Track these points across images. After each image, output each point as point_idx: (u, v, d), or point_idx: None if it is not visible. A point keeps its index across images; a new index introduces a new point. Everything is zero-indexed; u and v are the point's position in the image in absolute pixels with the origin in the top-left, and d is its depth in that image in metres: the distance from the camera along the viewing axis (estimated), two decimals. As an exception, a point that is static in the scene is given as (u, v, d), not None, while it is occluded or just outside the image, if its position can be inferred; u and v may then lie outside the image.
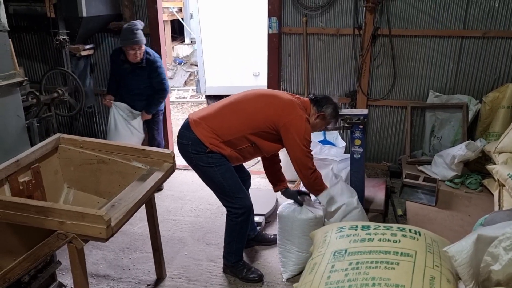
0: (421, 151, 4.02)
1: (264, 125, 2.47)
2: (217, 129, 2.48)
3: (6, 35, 2.18)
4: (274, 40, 3.93)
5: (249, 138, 2.50)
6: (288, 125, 2.43)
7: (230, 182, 2.55)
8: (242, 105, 2.54)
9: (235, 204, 2.57)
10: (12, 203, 1.87)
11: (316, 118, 2.60)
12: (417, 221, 3.01)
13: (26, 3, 3.61)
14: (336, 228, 1.72)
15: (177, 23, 9.56)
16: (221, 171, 2.52)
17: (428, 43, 3.78)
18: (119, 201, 2.10)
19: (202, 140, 2.47)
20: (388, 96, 3.98)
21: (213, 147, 2.47)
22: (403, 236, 1.51)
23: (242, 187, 2.61)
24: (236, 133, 2.48)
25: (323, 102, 2.61)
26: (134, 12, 4.12)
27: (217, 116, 2.52)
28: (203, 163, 2.51)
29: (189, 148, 2.51)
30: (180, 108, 7.63)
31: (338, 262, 1.44)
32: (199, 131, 2.49)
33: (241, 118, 2.49)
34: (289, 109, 2.47)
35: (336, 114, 2.65)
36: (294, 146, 2.46)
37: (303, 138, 2.45)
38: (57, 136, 2.56)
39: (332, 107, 2.61)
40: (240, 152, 2.55)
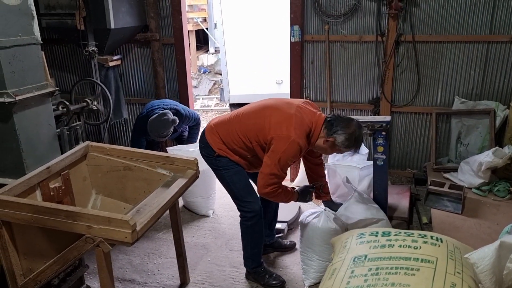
0: (447, 158, 3.95)
1: (258, 138, 2.45)
2: (224, 137, 2.56)
3: (39, 47, 2.30)
4: (296, 48, 3.96)
5: (251, 149, 2.52)
6: (273, 139, 2.36)
7: (238, 185, 2.60)
8: (247, 116, 2.54)
9: (245, 207, 2.62)
10: (43, 207, 1.95)
11: (324, 142, 2.41)
12: (442, 229, 2.95)
13: (58, 17, 3.76)
14: (356, 234, 1.72)
15: (202, 33, 9.74)
16: (229, 174, 2.58)
17: (453, 49, 3.72)
18: (144, 206, 2.16)
19: (211, 144, 2.58)
20: (412, 102, 3.94)
21: (220, 152, 2.56)
22: (424, 242, 1.50)
23: (251, 191, 2.63)
24: (238, 142, 2.52)
25: (337, 127, 2.37)
26: (159, 23, 4.23)
27: (226, 124, 2.59)
28: (213, 165, 2.64)
29: (203, 151, 2.66)
30: (205, 116, 7.74)
31: (358, 267, 1.44)
32: (210, 136, 2.60)
33: (243, 129, 2.51)
34: (281, 124, 2.36)
35: (351, 144, 2.40)
36: (265, 160, 2.39)
37: (277, 158, 2.33)
38: (86, 144, 2.66)
39: (346, 136, 2.36)
40: (247, 160, 2.58)
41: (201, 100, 8.46)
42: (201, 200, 3.66)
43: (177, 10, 4.12)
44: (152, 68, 4.36)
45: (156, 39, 4.22)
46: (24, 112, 2.21)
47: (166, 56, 4.32)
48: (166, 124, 3.66)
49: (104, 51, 3.96)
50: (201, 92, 8.87)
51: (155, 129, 3.68)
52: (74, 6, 3.67)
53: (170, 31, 4.25)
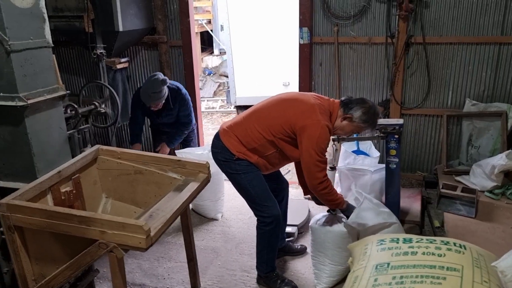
0: (457, 160, 3.91)
1: (283, 130, 2.45)
2: (242, 137, 2.52)
3: (51, 50, 2.27)
4: (305, 50, 3.93)
5: (273, 144, 2.50)
6: (303, 129, 2.39)
7: (257, 189, 2.56)
8: (265, 111, 2.55)
9: (263, 212, 2.59)
10: (56, 212, 1.93)
11: (343, 120, 2.49)
12: (456, 233, 2.91)
13: (66, 19, 3.74)
14: (376, 240, 1.68)
15: (206, 35, 9.73)
16: (248, 178, 2.55)
17: (464, 50, 3.69)
18: (157, 211, 2.13)
19: (229, 148, 2.53)
20: (422, 104, 3.90)
21: (240, 155, 2.52)
22: (448, 249, 1.46)
23: (270, 196, 2.61)
24: (259, 139, 2.49)
25: (353, 104, 2.48)
26: (167, 26, 4.21)
27: (243, 124, 2.56)
28: (231, 170, 2.57)
29: (219, 156, 2.60)
30: (210, 118, 7.72)
31: (381, 275, 1.41)
32: (227, 139, 2.56)
33: (263, 124, 2.50)
34: (308, 113, 2.41)
35: (368, 119, 2.48)
36: (304, 151, 2.41)
37: (315, 144, 2.37)
38: (96, 148, 2.64)
39: (362, 110, 2.45)
40: (267, 159, 2.56)
41: (206, 102, 8.45)
42: (210, 203, 3.64)
43: (185, 13, 4.10)
44: (160, 71, 4.33)
45: (164, 41, 4.20)
46: (35, 115, 2.18)
47: (174, 59, 4.30)
48: (155, 83, 3.46)
49: (112, 53, 3.94)
50: (206, 94, 8.86)
51: (145, 90, 3.49)
52: (82, 8, 3.65)
53: (178, 34, 4.23)
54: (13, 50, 2.03)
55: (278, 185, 2.88)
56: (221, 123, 7.33)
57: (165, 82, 3.52)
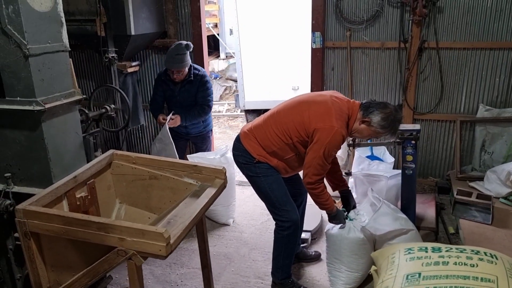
0: (470, 166, 3.87)
1: (299, 133, 2.43)
2: (261, 140, 2.51)
3: (67, 55, 2.26)
4: (317, 55, 3.91)
5: (291, 147, 2.47)
6: (315, 131, 2.36)
7: (276, 193, 2.53)
8: (282, 114, 2.52)
9: (282, 217, 2.55)
10: (74, 219, 1.90)
11: (361, 123, 2.43)
12: (473, 240, 2.88)
13: (77, 23, 3.73)
14: (404, 249, 1.65)
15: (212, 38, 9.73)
16: (268, 181, 2.52)
17: (477, 56, 3.66)
18: (175, 217, 2.10)
19: (250, 151, 2.52)
20: (435, 110, 3.87)
21: (260, 158, 2.50)
22: (479, 259, 1.43)
23: (290, 200, 2.57)
24: (278, 143, 2.47)
25: (373, 108, 2.40)
26: (178, 30, 4.20)
27: (263, 127, 2.54)
28: (251, 173, 2.55)
29: (240, 159, 2.58)
30: (216, 122, 7.70)
31: (413, 286, 1.38)
32: (247, 142, 2.54)
33: (280, 127, 2.47)
34: (323, 116, 2.36)
35: (387, 125, 2.40)
36: (310, 150, 2.38)
37: (323, 148, 2.32)
38: (111, 152, 2.60)
39: (381, 116, 2.37)
40: (287, 163, 2.53)
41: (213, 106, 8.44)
42: (222, 208, 3.61)
43: (197, 16, 4.09)
44: (170, 75, 4.32)
45: (175, 45, 4.18)
46: (52, 120, 2.17)
47: (184, 62, 4.28)
48: (179, 46, 3.51)
49: (123, 57, 3.93)
50: (212, 98, 8.84)
51: (170, 52, 3.54)
52: (94, 12, 3.64)
53: (189, 37, 4.21)
54: (31, 54, 2.01)
55: (297, 189, 2.84)
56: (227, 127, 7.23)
57: (188, 47, 3.56)
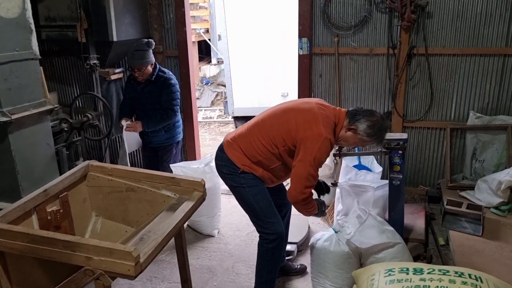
0: (461, 175, 3.80)
1: (285, 142, 2.34)
2: (246, 150, 2.42)
3: (37, 63, 2.17)
4: (305, 61, 3.83)
5: (277, 157, 2.39)
6: (303, 140, 2.27)
7: (261, 204, 2.45)
8: (267, 122, 2.44)
9: (267, 229, 2.46)
10: (39, 237, 1.80)
11: (347, 131, 2.36)
12: (463, 253, 2.80)
13: (58, 29, 3.65)
14: (384, 270, 1.56)
15: (204, 44, 9.65)
16: (253, 192, 2.43)
17: (467, 62, 3.60)
18: (148, 233, 2.00)
19: (234, 161, 2.43)
20: (425, 117, 3.79)
21: (245, 168, 2.41)
22: (463, 283, 1.34)
23: (275, 212, 2.49)
24: (263, 152, 2.39)
25: (359, 116, 2.34)
26: (163, 35, 4.11)
27: (247, 136, 2.46)
28: (236, 183, 2.46)
29: (223, 169, 2.49)
30: (207, 128, 7.61)
31: (391, 313, 1.29)
32: (231, 152, 2.45)
33: (266, 136, 2.39)
34: (309, 123, 2.29)
35: (374, 133, 2.34)
36: (299, 161, 2.28)
37: (313, 157, 2.24)
38: (86, 164, 2.51)
39: (368, 124, 2.31)
40: (272, 172, 2.45)
41: (204, 112, 8.34)
42: (206, 219, 3.50)
43: (181, 22, 4.00)
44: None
45: (160, 51, 4.10)
46: (20, 131, 2.07)
47: (170, 69, 4.16)
48: (140, 43, 3.39)
49: (106, 64, 3.83)
50: (203, 104, 8.75)
51: (130, 50, 3.41)
52: (75, 18, 3.56)
53: (174, 44, 4.13)
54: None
55: (281, 200, 2.75)
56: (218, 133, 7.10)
57: (150, 44, 3.44)
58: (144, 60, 3.41)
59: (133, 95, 3.62)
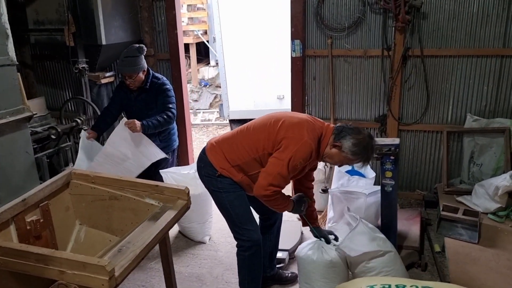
0: (459, 179, 3.71)
1: (267, 144, 2.28)
2: (227, 153, 2.37)
3: (15, 69, 2.10)
4: (297, 64, 3.76)
5: (258, 162, 2.33)
6: (284, 139, 2.22)
7: (237, 211, 2.39)
8: (252, 129, 2.40)
9: (242, 236, 2.42)
10: (11, 249, 1.74)
11: (332, 147, 2.28)
12: (458, 261, 2.72)
13: (47, 33, 3.60)
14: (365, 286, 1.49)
15: (203, 45, 9.59)
16: (230, 198, 2.39)
17: (464, 63, 3.51)
18: (127, 244, 1.94)
19: (213, 163, 2.38)
20: (421, 120, 3.71)
21: (223, 171, 2.36)
22: (446, 302, 1.27)
23: (251, 219, 2.43)
24: (244, 156, 2.33)
25: (345, 133, 2.26)
26: (154, 38, 4.06)
27: (230, 140, 2.42)
28: (213, 187, 2.42)
29: (202, 171, 2.46)
30: (205, 131, 7.54)
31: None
32: (212, 154, 2.41)
33: (249, 140, 2.35)
34: (293, 127, 2.25)
35: (359, 151, 2.24)
36: (273, 158, 2.22)
37: (288, 157, 2.17)
38: (69, 171, 2.45)
39: (353, 142, 2.23)
40: (252, 179, 2.38)
41: (202, 114, 8.28)
42: (197, 225, 3.44)
43: (172, 25, 3.94)
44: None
45: (151, 54, 4.04)
46: (-4, 140, 2.00)
47: (162, 72, 4.12)
48: (130, 49, 3.23)
49: (96, 67, 3.78)
50: (202, 106, 8.69)
51: (120, 56, 3.26)
52: (63, 21, 3.51)
53: (166, 46, 4.07)
54: (-31, 69, 1.86)
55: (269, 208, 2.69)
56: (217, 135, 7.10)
57: (141, 50, 3.26)
58: (135, 67, 3.23)
59: (125, 102, 3.43)
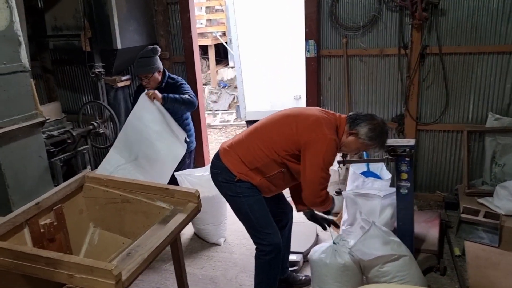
0: (480, 180, 3.59)
1: (287, 147, 2.27)
2: (244, 156, 2.34)
3: (28, 75, 2.15)
4: (312, 64, 3.72)
5: (277, 163, 2.31)
6: (308, 144, 2.22)
7: (257, 215, 2.36)
8: (267, 128, 2.38)
9: (263, 240, 2.38)
10: (22, 253, 1.77)
11: (348, 136, 2.32)
12: (478, 265, 2.63)
13: (65, 38, 3.68)
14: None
15: (222, 47, 9.62)
16: (249, 202, 2.35)
17: (485, 61, 3.39)
18: (136, 248, 1.95)
19: (230, 168, 2.35)
20: (440, 119, 3.61)
21: (241, 176, 2.33)
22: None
23: (271, 223, 2.40)
24: (262, 158, 2.31)
25: (359, 120, 2.30)
26: (170, 41, 4.08)
27: (245, 142, 2.39)
28: (231, 192, 2.38)
29: (219, 177, 2.42)
30: (224, 131, 7.56)
31: None
32: (227, 159, 2.38)
33: (265, 142, 2.32)
34: (313, 127, 2.25)
35: (376, 136, 2.29)
36: (308, 167, 2.23)
37: (321, 160, 2.20)
38: (82, 175, 2.49)
39: (369, 127, 2.28)
40: (271, 180, 2.36)
41: (221, 115, 8.31)
42: (212, 227, 3.44)
43: (187, 28, 3.96)
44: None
45: (166, 57, 4.07)
46: (9, 145, 2.06)
47: (177, 75, 4.13)
48: (145, 50, 3.33)
49: (112, 71, 3.83)
50: (221, 107, 8.72)
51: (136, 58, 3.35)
52: (80, 27, 3.57)
53: (181, 49, 4.09)
54: (-18, 76, 1.91)
55: (281, 209, 2.67)
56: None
57: (155, 51, 3.35)
58: (149, 67, 3.33)
59: None
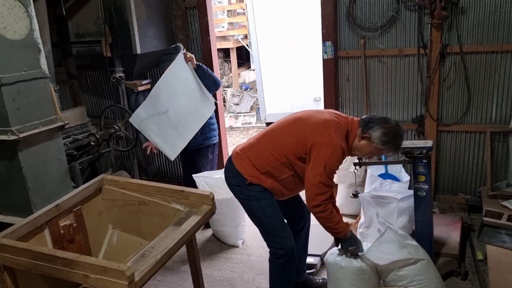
0: (505, 182, 3.48)
1: (296, 150, 2.26)
2: (255, 160, 2.36)
3: (47, 81, 2.23)
4: (329, 66, 3.69)
5: (288, 166, 2.31)
6: (314, 146, 2.20)
7: (270, 218, 2.37)
8: (277, 131, 2.38)
9: (276, 243, 2.38)
10: (40, 253, 1.84)
11: (361, 139, 2.28)
12: (500, 270, 2.55)
13: (87, 44, 3.78)
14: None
15: (244, 50, 9.67)
16: (261, 205, 2.36)
17: (508, 59, 3.29)
18: (151, 249, 1.99)
19: (241, 172, 2.37)
20: (462, 120, 3.52)
21: (252, 179, 2.34)
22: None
23: (284, 226, 2.41)
24: (272, 161, 2.31)
25: (372, 123, 2.26)
26: (188, 45, 4.14)
27: (256, 146, 2.40)
28: (243, 195, 2.41)
29: (231, 181, 2.45)
30: (246, 134, 7.59)
31: None
32: (239, 163, 2.40)
33: (275, 145, 2.32)
34: (320, 130, 2.23)
35: (389, 140, 2.24)
36: (310, 169, 2.21)
37: (323, 164, 2.18)
38: (101, 177, 2.55)
39: (382, 131, 2.23)
40: (282, 184, 2.36)
41: (243, 117, 8.34)
42: (230, 229, 3.46)
43: (205, 32, 4.01)
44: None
45: (185, 61, 4.12)
46: (30, 149, 2.13)
47: (196, 78, 4.20)
48: (168, 48, 3.53)
49: (133, 76, 3.91)
50: (243, 109, 8.75)
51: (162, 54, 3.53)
52: (101, 33, 3.66)
53: (200, 53, 4.14)
54: (3, 83, 1.99)
55: (298, 212, 2.67)
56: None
57: (178, 48, 3.46)
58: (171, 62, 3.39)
59: None
